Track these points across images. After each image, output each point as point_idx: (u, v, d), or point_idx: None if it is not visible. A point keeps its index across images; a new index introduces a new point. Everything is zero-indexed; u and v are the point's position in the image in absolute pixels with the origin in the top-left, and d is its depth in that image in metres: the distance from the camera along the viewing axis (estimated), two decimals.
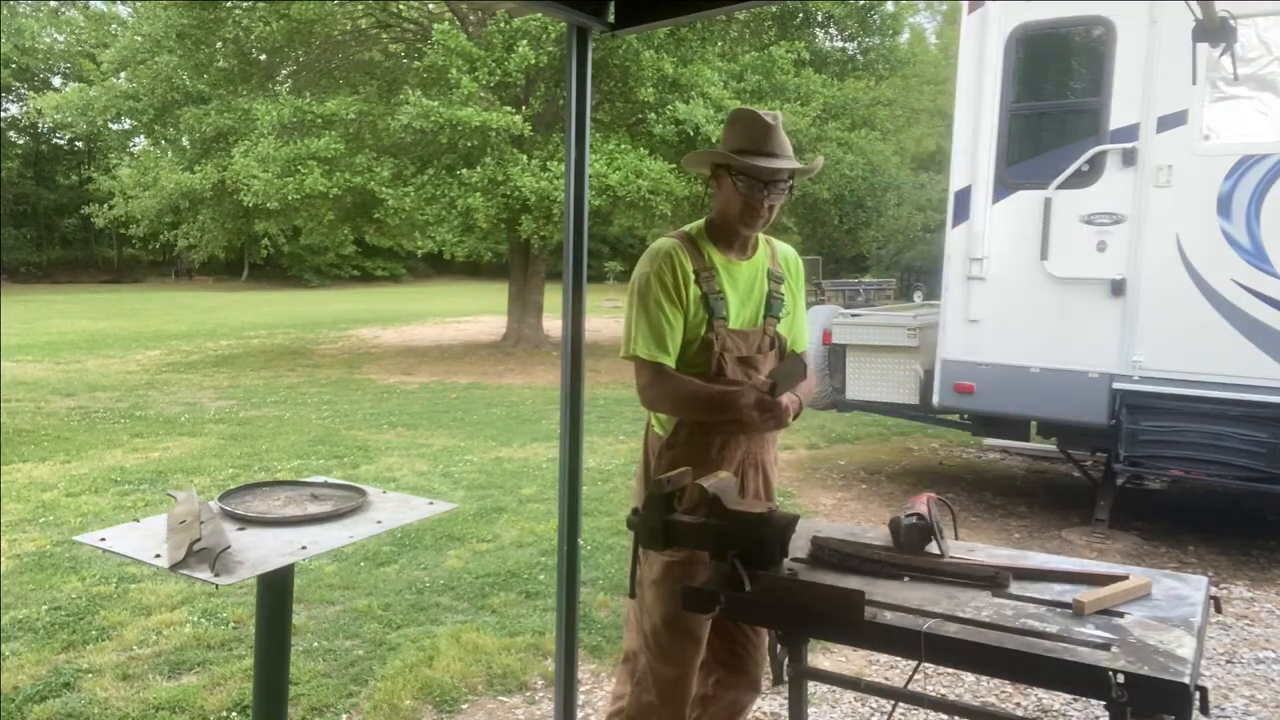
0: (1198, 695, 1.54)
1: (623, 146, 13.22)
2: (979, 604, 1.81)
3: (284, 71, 16.67)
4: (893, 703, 3.07)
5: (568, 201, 2.54)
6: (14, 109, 38.37)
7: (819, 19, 16.73)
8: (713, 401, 2.20)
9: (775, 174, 2.15)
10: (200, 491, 5.57)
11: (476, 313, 23.83)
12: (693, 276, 2.21)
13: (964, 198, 5.76)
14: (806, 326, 2.48)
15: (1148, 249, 5.15)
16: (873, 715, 3.28)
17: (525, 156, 12.95)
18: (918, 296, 22.24)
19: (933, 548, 2.07)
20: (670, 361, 2.22)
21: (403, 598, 4.27)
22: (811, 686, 3.21)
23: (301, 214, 15.68)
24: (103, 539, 2.16)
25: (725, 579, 1.86)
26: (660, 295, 2.19)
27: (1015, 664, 1.63)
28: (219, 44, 14.95)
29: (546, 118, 14.12)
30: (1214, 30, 3.18)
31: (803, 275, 2.45)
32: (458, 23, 14.47)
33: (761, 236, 2.36)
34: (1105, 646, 1.60)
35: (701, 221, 2.34)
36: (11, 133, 38.59)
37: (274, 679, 2.28)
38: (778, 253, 2.40)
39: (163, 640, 3.77)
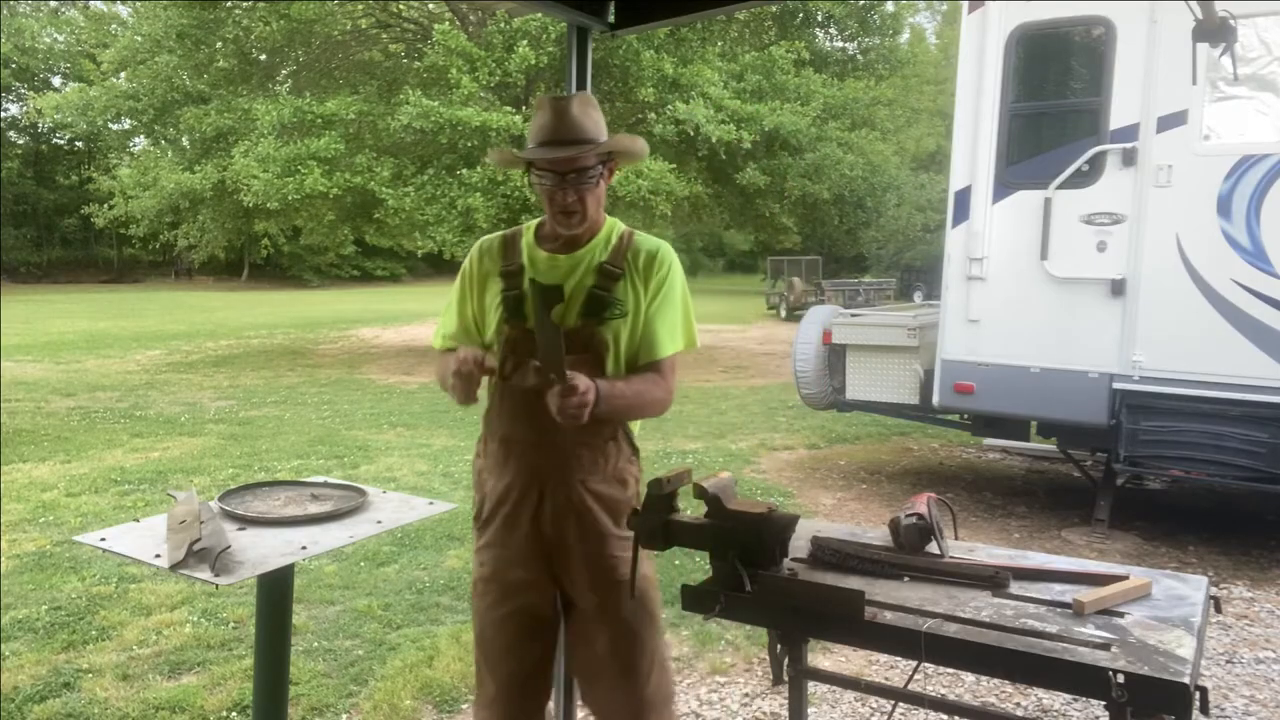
0: (1198, 695, 1.54)
1: None
2: (979, 604, 1.81)
3: (284, 71, 16.68)
4: (893, 703, 3.07)
5: None
6: (14, 109, 38.42)
7: (819, 19, 16.75)
8: (442, 374, 2.03)
9: (568, 163, 1.89)
10: (200, 491, 5.57)
11: None
12: (495, 273, 2.05)
13: (964, 198, 5.76)
14: (676, 331, 2.06)
15: (1148, 249, 5.15)
16: (873, 715, 3.28)
17: None
18: (918, 296, 22.28)
19: (933, 548, 2.06)
20: (439, 344, 2.15)
21: (403, 598, 4.27)
22: (811, 686, 3.21)
23: (301, 214, 15.69)
24: (103, 539, 2.16)
25: (725, 579, 1.86)
26: (455, 291, 2.12)
27: (1015, 664, 1.63)
28: (219, 44, 14.96)
29: None
30: (1214, 30, 3.18)
31: (669, 275, 2.04)
32: (458, 23, 14.48)
33: (615, 230, 2.07)
34: (1105, 646, 1.60)
35: (541, 219, 2.12)
36: (11, 133, 38.61)
37: (274, 679, 2.28)
38: (627, 247, 2.04)
39: (163, 640, 3.77)
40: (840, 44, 17.96)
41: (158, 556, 2.01)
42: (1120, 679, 1.51)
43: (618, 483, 2.04)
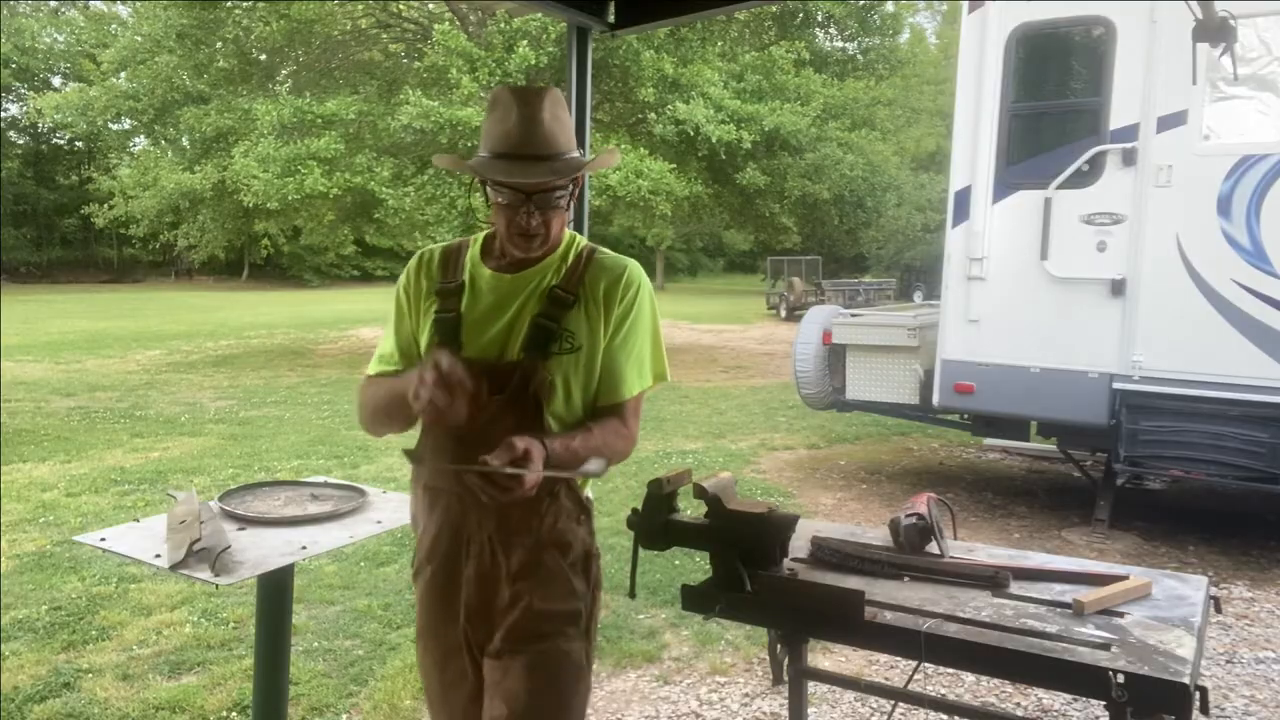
0: (1198, 695, 1.54)
1: (623, 146, 13.22)
2: (979, 604, 1.81)
3: (284, 71, 16.68)
4: (893, 703, 3.07)
5: None
6: (14, 109, 38.41)
7: (819, 19, 16.75)
8: (380, 400, 1.76)
9: (536, 185, 1.60)
10: (200, 491, 5.57)
11: None
12: (433, 291, 1.76)
13: (964, 198, 5.76)
14: (644, 366, 1.76)
15: (1148, 249, 5.15)
16: (873, 715, 3.28)
17: None
18: (918, 296, 22.29)
19: (933, 548, 2.07)
20: (375, 369, 1.83)
21: (403, 598, 4.27)
22: (811, 686, 3.21)
23: (301, 214, 15.70)
24: (103, 539, 2.16)
25: (725, 579, 1.86)
26: (393, 307, 1.83)
27: (1015, 664, 1.63)
28: (219, 44, 14.97)
29: None
30: (1214, 30, 3.18)
31: (636, 302, 1.73)
32: (458, 23, 14.47)
33: (574, 247, 1.77)
34: (1105, 646, 1.60)
35: (489, 231, 1.84)
36: (11, 133, 38.60)
37: (274, 679, 2.28)
38: (585, 269, 1.73)
39: (163, 640, 3.77)
40: (840, 44, 17.97)
41: (158, 556, 2.01)
42: (1120, 679, 1.51)
43: (555, 548, 1.71)
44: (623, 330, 1.72)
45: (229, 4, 14.50)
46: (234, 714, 3.18)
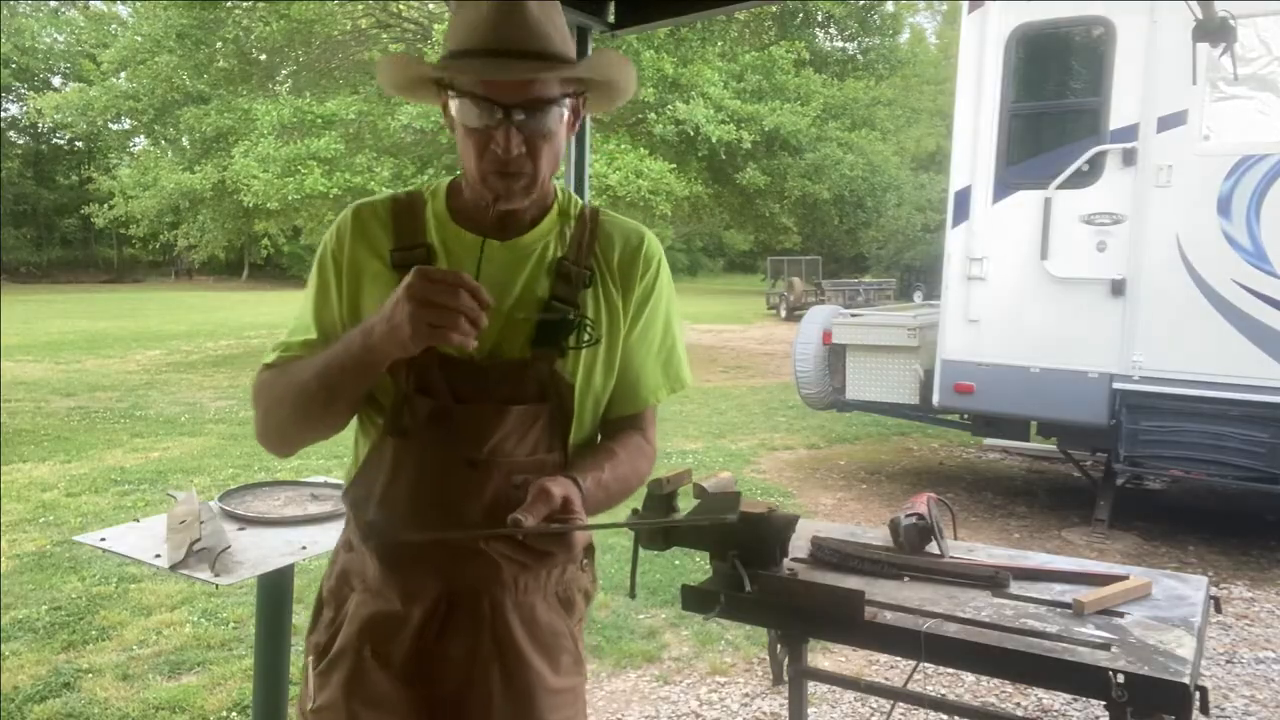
0: (1198, 695, 1.54)
1: (623, 146, 13.23)
2: (979, 604, 1.81)
3: (284, 71, 16.67)
4: (892, 703, 3.07)
5: None
6: (14, 109, 38.41)
7: (819, 19, 16.76)
8: (307, 381, 1.21)
9: (520, 89, 1.14)
10: (200, 491, 5.57)
11: None
12: (383, 257, 1.26)
13: (964, 198, 5.75)
14: (672, 364, 1.41)
15: (1148, 249, 5.15)
16: (873, 715, 3.28)
17: None
18: (918, 296, 22.29)
19: (933, 548, 2.07)
20: (273, 357, 1.32)
21: None
22: (811, 686, 3.21)
23: (301, 214, 15.68)
24: (103, 539, 2.16)
25: (725, 579, 1.86)
26: (311, 284, 1.32)
27: (1015, 664, 1.63)
28: (219, 44, 14.96)
29: None
30: (1214, 30, 3.18)
31: (658, 280, 1.36)
32: None
33: (573, 205, 1.35)
34: (1105, 646, 1.60)
35: (454, 176, 1.37)
36: (11, 133, 38.60)
37: (274, 679, 2.28)
38: (601, 234, 1.33)
39: (163, 640, 3.77)
40: (840, 44, 17.97)
41: (158, 556, 2.01)
42: (1120, 679, 1.51)
43: (561, 604, 1.35)
44: (643, 318, 1.35)
45: (229, 4, 14.50)
46: (234, 714, 3.18)
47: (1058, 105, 5.68)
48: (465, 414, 1.24)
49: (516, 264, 1.28)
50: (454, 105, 1.18)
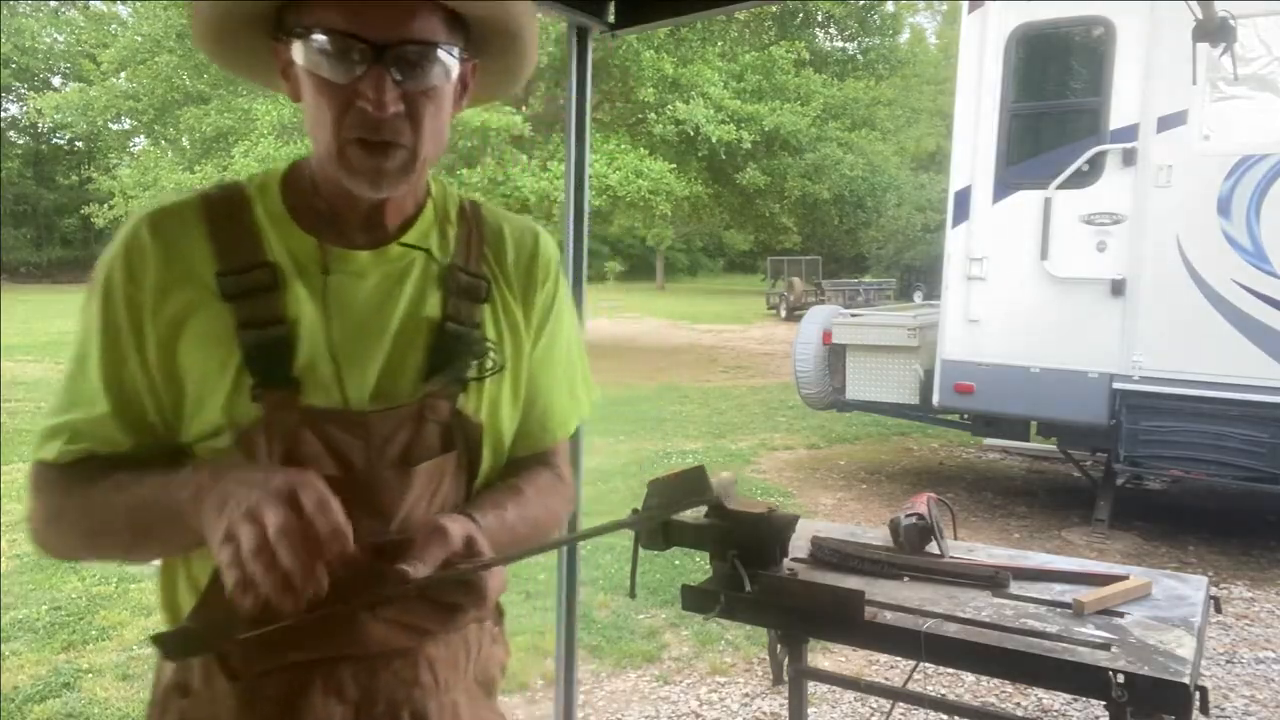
0: (1198, 695, 1.54)
1: (623, 146, 13.24)
2: (979, 604, 1.81)
3: None
4: (892, 702, 3.07)
5: (568, 201, 2.53)
6: (14, 109, 38.42)
7: (819, 19, 16.79)
8: (119, 516, 0.94)
9: (391, 23, 0.85)
10: None
11: None
12: (205, 286, 0.93)
13: (964, 198, 5.76)
14: (577, 387, 1.17)
15: (1148, 249, 5.15)
16: (873, 715, 3.28)
17: (525, 156, 12.97)
18: (918, 296, 22.28)
19: (933, 548, 2.07)
20: (55, 454, 1.03)
21: None
22: (811, 686, 3.21)
23: None
24: None
25: (725, 579, 1.86)
26: (95, 337, 0.97)
27: (1015, 664, 1.63)
28: None
29: (546, 118, 14.15)
30: (1214, 30, 3.19)
31: (559, 293, 1.11)
32: None
33: (449, 197, 1.06)
34: (1105, 646, 1.60)
35: (288, 164, 1.03)
36: (11, 133, 38.62)
37: None
38: (489, 233, 1.07)
39: None
40: (840, 44, 18.00)
41: None
42: (1120, 679, 1.51)
43: (481, 687, 1.09)
44: (545, 333, 1.09)
45: None
46: None
47: (1058, 105, 5.68)
48: (358, 487, 0.90)
49: (394, 278, 0.97)
50: (300, 54, 0.87)
